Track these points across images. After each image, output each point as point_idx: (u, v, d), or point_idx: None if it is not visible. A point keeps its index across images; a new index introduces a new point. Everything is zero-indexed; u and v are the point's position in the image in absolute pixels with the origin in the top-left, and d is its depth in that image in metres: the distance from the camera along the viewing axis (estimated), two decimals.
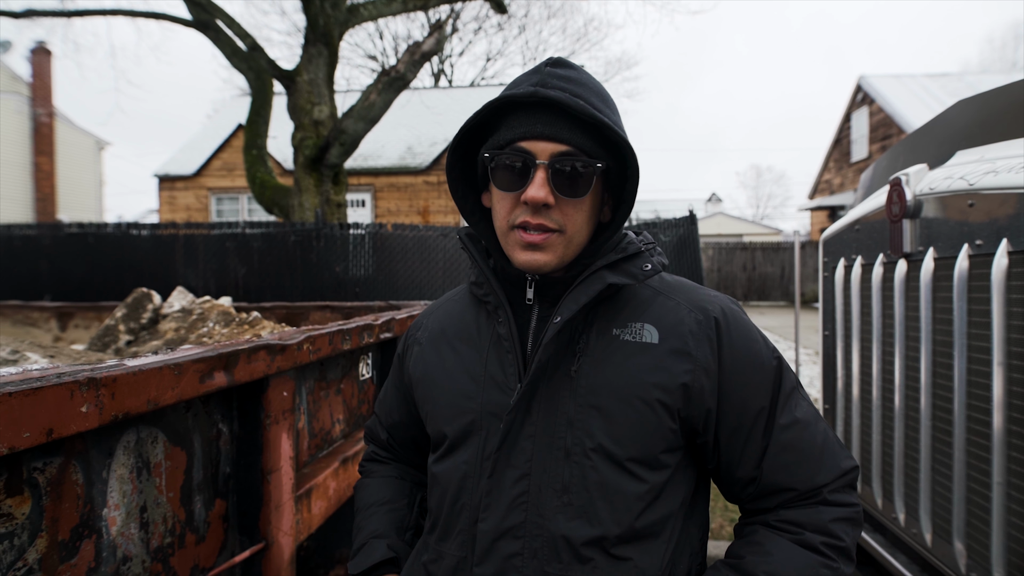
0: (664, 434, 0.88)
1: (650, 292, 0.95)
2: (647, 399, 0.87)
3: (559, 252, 0.90)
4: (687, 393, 0.88)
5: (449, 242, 6.89)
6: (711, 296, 0.96)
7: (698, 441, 0.92)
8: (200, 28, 7.91)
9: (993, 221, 1.34)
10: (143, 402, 1.02)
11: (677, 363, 0.89)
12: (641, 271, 0.92)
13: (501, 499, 0.89)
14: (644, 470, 0.88)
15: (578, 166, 0.86)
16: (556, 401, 0.90)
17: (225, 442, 1.42)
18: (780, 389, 0.92)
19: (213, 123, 17.55)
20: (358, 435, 2.20)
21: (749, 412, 0.90)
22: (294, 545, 1.59)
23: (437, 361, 1.02)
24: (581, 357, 0.90)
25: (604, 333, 0.92)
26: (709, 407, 0.90)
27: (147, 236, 7.18)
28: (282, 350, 1.47)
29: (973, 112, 1.74)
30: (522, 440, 0.89)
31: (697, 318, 0.91)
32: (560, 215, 0.88)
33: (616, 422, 0.87)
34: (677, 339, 0.90)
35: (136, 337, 2.53)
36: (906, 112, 16.61)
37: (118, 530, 1.08)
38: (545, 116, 0.87)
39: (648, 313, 0.93)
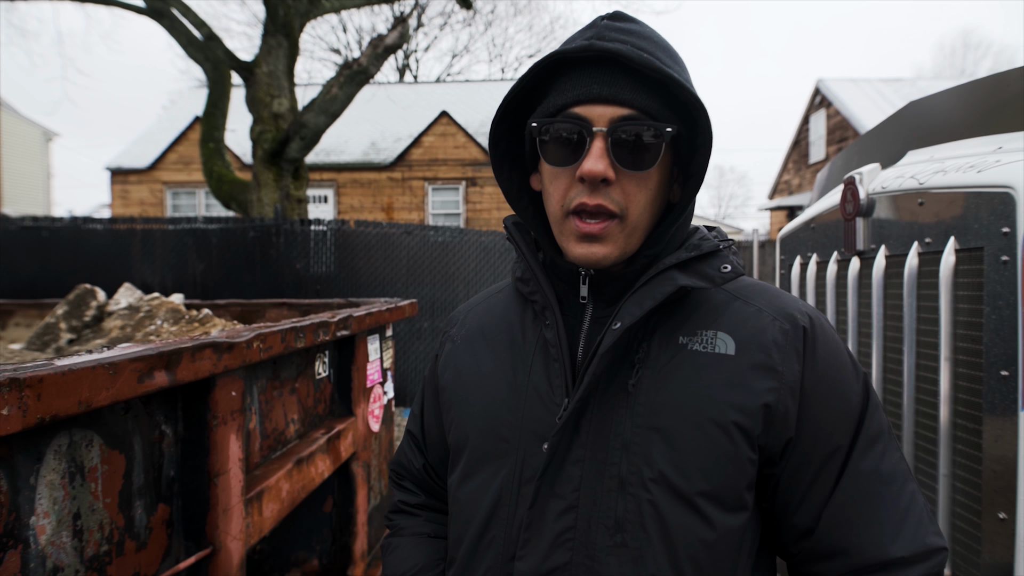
0: (742, 466, 0.72)
1: (724, 296, 0.80)
2: (721, 421, 0.72)
3: (620, 243, 0.76)
4: (769, 416, 0.72)
5: (413, 239, 6.82)
6: (797, 303, 0.80)
7: (767, 471, 0.76)
8: (154, 16, 7.65)
9: (942, 220, 1.37)
10: (74, 404, 0.96)
11: (759, 379, 0.73)
12: (719, 273, 0.77)
13: (543, 535, 0.74)
14: (717, 509, 0.72)
15: (644, 133, 0.72)
16: (610, 421, 0.75)
17: (169, 444, 1.36)
18: (865, 427, 0.75)
19: (169, 115, 17.05)
20: (314, 435, 2.15)
21: (822, 447, 0.74)
22: (244, 549, 1.53)
23: (471, 364, 0.89)
24: (640, 369, 0.76)
25: (668, 341, 0.77)
26: (791, 435, 0.74)
27: (103, 231, 6.92)
28: (230, 348, 1.42)
29: (924, 113, 1.78)
30: (569, 465, 0.75)
31: (783, 327, 0.76)
32: (621, 194, 0.74)
33: (682, 448, 0.72)
34: (759, 351, 0.74)
35: (79, 336, 2.42)
36: (861, 115, 17.11)
37: (47, 539, 1.02)
38: (603, 75, 0.72)
39: (722, 320, 0.77)
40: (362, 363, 2.57)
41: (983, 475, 1.26)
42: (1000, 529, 1.23)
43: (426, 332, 6.80)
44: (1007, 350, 1.20)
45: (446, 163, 14.25)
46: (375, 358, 2.77)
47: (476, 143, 14.12)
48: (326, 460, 2.15)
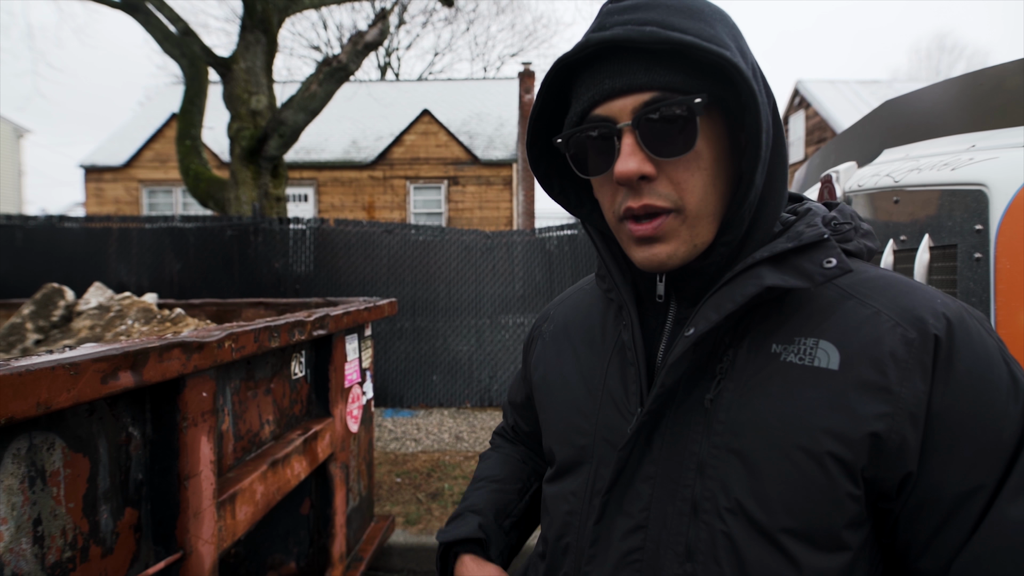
0: (839, 501, 0.61)
1: (836, 294, 0.67)
2: (813, 450, 0.61)
3: (685, 238, 0.67)
4: (877, 446, 0.60)
5: (394, 239, 6.77)
6: (935, 302, 0.64)
7: (882, 506, 0.63)
8: (128, 10, 7.51)
9: (916, 217, 1.38)
10: (31, 405, 0.93)
11: (866, 402, 0.61)
12: (820, 269, 0.64)
13: (609, 553, 0.70)
14: (806, 549, 0.62)
15: (671, 112, 0.63)
16: (684, 437, 0.68)
17: (136, 447, 1.32)
18: (1020, 464, 0.59)
19: (145, 111, 16.77)
20: (290, 436, 2.11)
21: (956, 486, 0.60)
22: (216, 554, 1.50)
23: (556, 364, 0.85)
24: (723, 381, 0.67)
25: (759, 350, 0.67)
26: (911, 469, 0.61)
27: (78, 230, 6.78)
28: (200, 348, 1.38)
29: (900, 112, 1.79)
30: (638, 482, 0.69)
31: (906, 336, 0.62)
32: (669, 186, 0.65)
33: (764, 477, 0.63)
34: (870, 366, 0.61)
35: (46, 336, 2.36)
36: (839, 116, 17.33)
37: (6, 546, 0.98)
38: (612, 65, 0.65)
39: (827, 325, 0.65)
40: (340, 363, 2.54)
41: None
42: None
43: (407, 332, 6.76)
44: None
45: (428, 162, 14.18)
46: (353, 358, 2.74)
47: (458, 142, 14.08)
48: (302, 461, 2.11)
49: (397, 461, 4.96)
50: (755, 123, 0.64)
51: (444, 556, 0.92)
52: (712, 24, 0.65)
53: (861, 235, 0.73)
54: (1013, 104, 1.43)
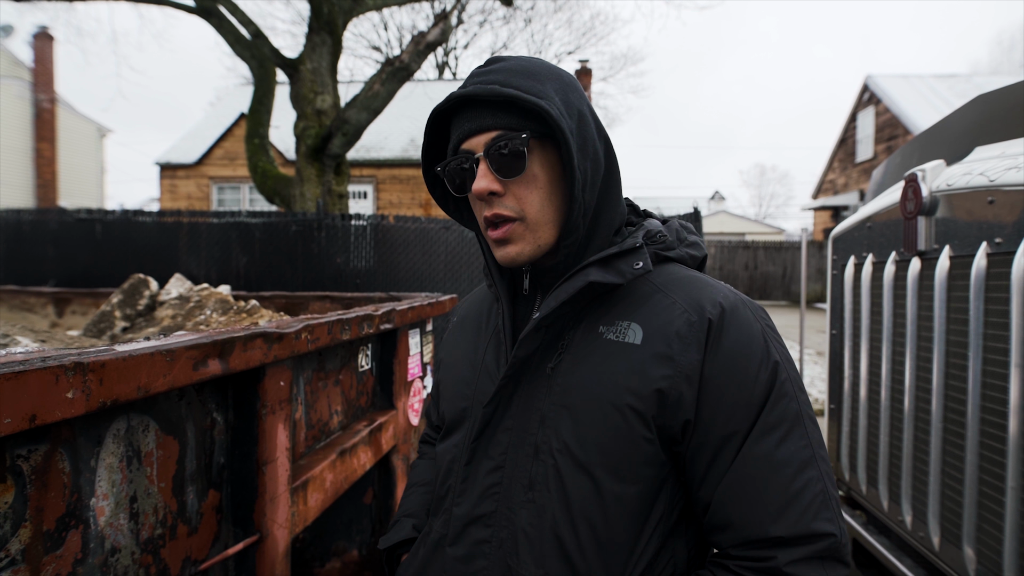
0: (636, 442, 0.82)
1: (650, 288, 0.89)
2: (617, 403, 0.83)
3: (529, 239, 0.88)
4: (662, 400, 0.82)
5: (451, 235, 6.84)
6: (718, 294, 0.86)
7: (675, 450, 0.85)
8: (203, 15, 7.84)
9: (1015, 219, 1.30)
10: (133, 389, 0.98)
11: (655, 367, 0.82)
12: (631, 269, 0.87)
13: (475, 487, 0.91)
14: (612, 479, 0.83)
15: (507, 144, 0.85)
16: (533, 398, 0.89)
17: (219, 432, 1.38)
18: (764, 415, 0.81)
19: (215, 111, 17.47)
20: (356, 427, 2.17)
21: (719, 430, 0.82)
22: (289, 538, 1.55)
23: (454, 346, 1.07)
24: (562, 354, 0.88)
25: (590, 331, 0.88)
26: (688, 418, 0.82)
27: (151, 223, 7.14)
28: (279, 339, 1.43)
29: (993, 107, 1.70)
30: (499, 433, 0.90)
31: (689, 319, 0.84)
32: (513, 200, 0.87)
33: (584, 424, 0.84)
34: (661, 341, 0.84)
35: (132, 324, 2.49)
36: (913, 113, 16.53)
37: (106, 520, 1.04)
38: (471, 112, 0.87)
39: (639, 312, 0.87)
40: (403, 357, 2.59)
41: None
42: None
43: None
44: None
45: None
46: (415, 352, 2.79)
47: None
48: (368, 452, 2.16)
49: None
50: (568, 155, 0.84)
51: (388, 560, 1.10)
52: (543, 82, 0.87)
53: (686, 245, 0.96)
54: None
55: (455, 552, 0.90)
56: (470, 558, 0.88)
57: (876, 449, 1.91)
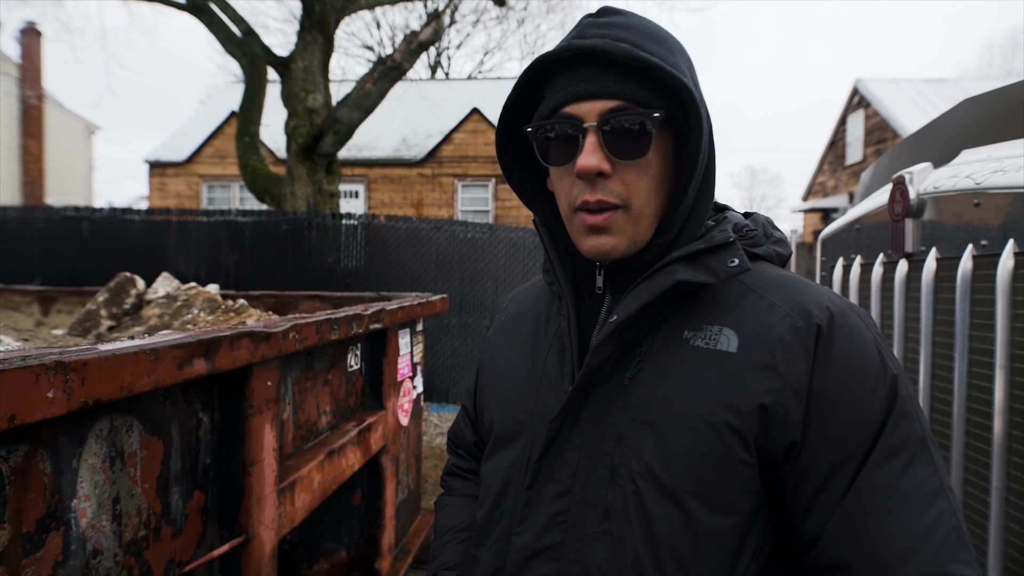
0: (734, 467, 0.70)
1: (741, 289, 0.77)
2: (711, 421, 0.71)
3: (628, 233, 0.76)
4: (765, 418, 0.70)
5: (443, 235, 6.83)
6: (822, 297, 0.74)
7: (773, 474, 0.72)
8: (194, 12, 7.79)
9: (1000, 221, 1.32)
10: (116, 388, 0.97)
11: (757, 379, 0.71)
12: (725, 267, 0.75)
13: (539, 514, 0.78)
14: (704, 509, 0.71)
15: (632, 121, 0.72)
16: (607, 412, 0.77)
17: (205, 432, 1.37)
18: (884, 438, 0.69)
19: (206, 109, 17.37)
20: (345, 427, 2.16)
21: (830, 454, 0.69)
22: (276, 539, 1.54)
23: (503, 349, 0.95)
24: (641, 363, 0.76)
25: (673, 336, 0.76)
26: (794, 439, 0.70)
27: (140, 222, 7.08)
28: (267, 338, 1.42)
29: (980, 111, 1.71)
30: (567, 452, 0.78)
31: (794, 324, 0.72)
32: (621, 185, 0.74)
33: (671, 444, 0.72)
34: (762, 349, 0.71)
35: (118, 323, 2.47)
36: (901, 116, 16.66)
37: (88, 522, 1.03)
38: (587, 71, 0.73)
39: (731, 315, 0.75)
40: (393, 357, 2.58)
41: None
42: None
43: (454, 327, 6.81)
44: None
45: (476, 160, 14.26)
46: (405, 352, 2.78)
47: None
48: (356, 452, 2.15)
49: (443, 456, 5.00)
50: (697, 144, 0.73)
51: None
52: (673, 52, 0.75)
53: (772, 242, 0.84)
54: None
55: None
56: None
57: None
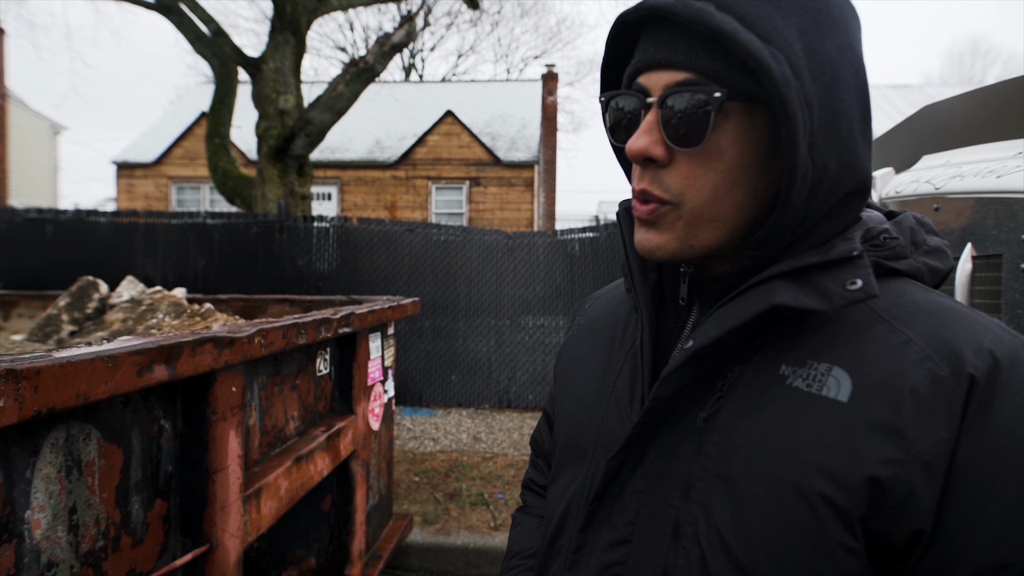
0: (830, 552, 0.53)
1: (868, 316, 0.59)
2: (803, 489, 0.55)
3: (680, 234, 0.62)
4: (879, 494, 0.52)
5: (416, 237, 6.79)
6: (986, 336, 0.55)
7: (894, 566, 0.55)
8: (162, 12, 7.65)
9: (959, 225, 1.35)
10: (71, 396, 0.94)
11: (873, 442, 0.53)
12: (843, 291, 0.57)
13: (592, 562, 0.67)
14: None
15: (688, 99, 0.58)
16: (676, 455, 0.63)
17: (167, 439, 1.34)
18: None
19: (175, 110, 17.06)
20: (313, 433, 2.13)
21: (975, 558, 0.51)
22: (241, 547, 1.51)
23: (576, 358, 0.82)
24: (722, 399, 0.61)
25: (767, 370, 0.60)
26: (921, 528, 0.52)
27: (106, 224, 6.91)
28: (231, 343, 1.40)
29: (939, 118, 1.76)
30: (627, 496, 0.65)
31: (935, 372, 0.53)
32: (677, 177, 0.60)
33: (748, 508, 0.57)
34: (884, 402, 0.54)
35: (80, 328, 2.40)
36: None
37: (43, 533, 1.00)
38: (661, 35, 0.60)
39: (848, 350, 0.57)
40: (363, 361, 2.55)
41: None
42: None
43: (427, 331, 6.77)
44: None
45: (450, 163, 14.23)
46: (376, 356, 2.75)
47: (480, 143, 14.11)
48: (325, 458, 2.13)
49: (415, 460, 4.97)
50: (790, 135, 0.55)
51: None
52: (785, 12, 0.56)
53: (924, 252, 0.64)
54: None
55: None
56: None
57: None
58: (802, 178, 0.57)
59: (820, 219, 0.61)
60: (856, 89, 0.59)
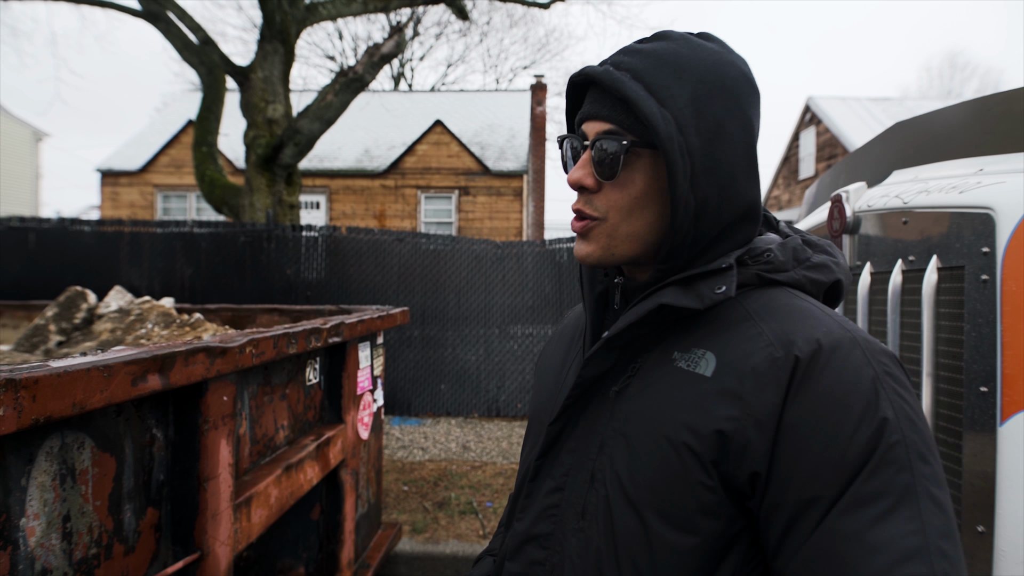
0: (692, 487, 0.71)
1: (740, 315, 0.77)
2: (673, 439, 0.73)
3: (601, 242, 0.81)
4: (724, 443, 0.70)
5: (405, 247, 6.82)
6: (818, 329, 0.71)
7: (747, 505, 0.72)
8: (149, 19, 7.65)
9: (925, 238, 1.41)
10: (68, 405, 0.96)
11: (720, 405, 0.71)
12: (711, 294, 0.75)
13: (535, 505, 0.86)
14: (662, 524, 0.72)
15: (607, 143, 0.77)
16: (596, 421, 0.82)
17: (159, 448, 1.36)
18: (859, 483, 0.65)
19: (162, 117, 16.99)
20: (303, 442, 2.15)
21: (796, 493, 0.67)
22: (232, 555, 1.53)
23: (548, 356, 1.02)
24: (631, 378, 0.80)
25: (665, 356, 0.79)
26: (756, 470, 0.69)
27: (90, 233, 6.87)
28: (222, 353, 1.42)
29: (910, 134, 1.82)
30: (563, 453, 0.85)
31: (772, 355, 0.70)
32: (604, 201, 0.79)
33: (637, 456, 0.75)
34: (733, 376, 0.72)
35: (68, 338, 2.40)
36: (850, 133, 17.32)
37: (37, 541, 1.02)
38: (597, 94, 0.80)
39: (719, 340, 0.76)
40: (353, 370, 2.58)
41: (963, 489, 1.28)
42: (979, 542, 1.25)
43: (416, 340, 6.79)
44: (986, 366, 1.23)
45: (439, 172, 14.28)
46: (365, 365, 2.78)
47: (469, 152, 14.17)
48: (315, 467, 2.15)
49: (404, 469, 4.98)
50: (673, 174, 0.74)
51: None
52: (682, 82, 0.75)
53: (807, 267, 0.82)
54: (1022, 129, 1.45)
55: (511, 568, 0.86)
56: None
57: None
58: (684, 207, 0.75)
59: (712, 241, 0.79)
60: (742, 140, 0.78)
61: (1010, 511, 1.23)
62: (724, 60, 0.79)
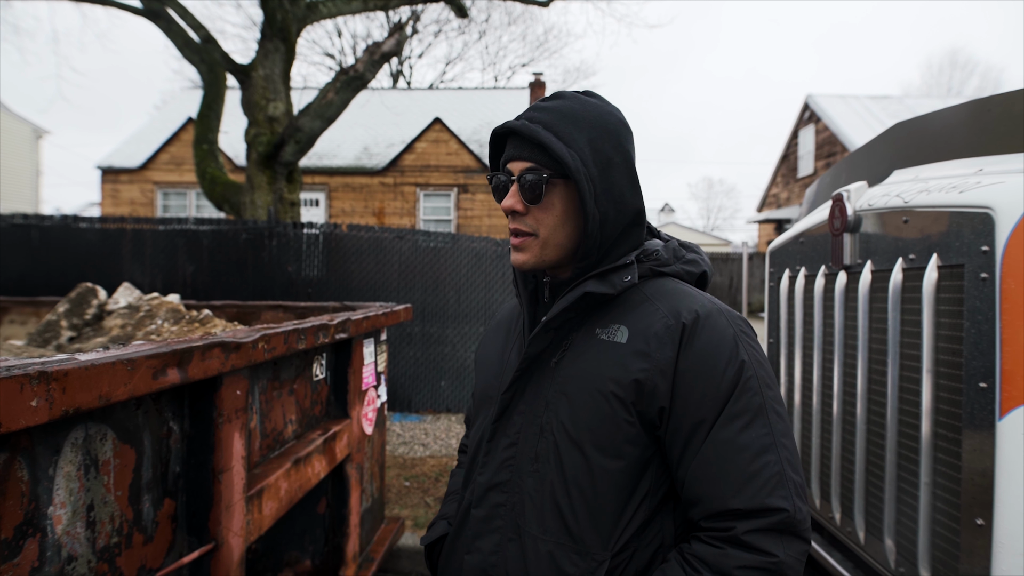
0: (619, 424, 0.97)
1: (640, 298, 1.04)
2: (603, 390, 0.98)
3: (535, 252, 1.05)
4: (640, 389, 0.97)
5: (405, 244, 6.84)
6: (696, 303, 1.01)
7: (656, 434, 0.99)
8: (150, 17, 7.65)
9: (925, 237, 1.44)
10: (94, 397, 0.99)
11: (635, 362, 0.98)
12: (622, 282, 1.03)
13: (495, 459, 1.08)
14: (598, 454, 0.98)
15: (532, 177, 1.02)
16: (540, 387, 1.06)
17: (176, 440, 1.39)
18: (730, 405, 0.95)
19: (162, 115, 16.98)
20: (310, 436, 2.18)
21: (689, 419, 0.96)
22: (244, 546, 1.56)
23: (488, 345, 1.24)
24: (565, 351, 1.05)
25: (589, 332, 1.04)
26: (663, 405, 0.97)
27: (92, 229, 6.88)
28: (237, 348, 1.45)
29: (910, 134, 1.85)
30: (515, 415, 1.08)
31: (667, 323, 0.99)
32: (533, 220, 1.04)
33: (577, 408, 1.00)
34: (642, 340, 0.99)
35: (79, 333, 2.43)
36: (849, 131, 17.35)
37: (63, 529, 1.05)
38: (517, 140, 1.04)
39: (629, 316, 1.02)
40: (358, 366, 2.60)
41: (962, 483, 1.31)
42: (978, 535, 1.28)
43: (417, 337, 6.82)
44: (985, 363, 1.26)
45: (438, 169, 14.30)
46: (370, 361, 2.81)
47: (468, 150, 14.18)
48: (322, 461, 2.18)
49: (406, 465, 5.01)
50: (580, 197, 1.00)
51: (428, 556, 1.24)
52: (581, 129, 1.01)
53: (683, 263, 1.11)
54: (1021, 130, 1.48)
55: (478, 513, 1.07)
56: (489, 519, 1.06)
57: (809, 451, 2.03)
58: (592, 220, 1.01)
59: (614, 243, 1.05)
60: (626, 167, 1.05)
61: (1009, 504, 1.26)
62: (606, 111, 1.05)
